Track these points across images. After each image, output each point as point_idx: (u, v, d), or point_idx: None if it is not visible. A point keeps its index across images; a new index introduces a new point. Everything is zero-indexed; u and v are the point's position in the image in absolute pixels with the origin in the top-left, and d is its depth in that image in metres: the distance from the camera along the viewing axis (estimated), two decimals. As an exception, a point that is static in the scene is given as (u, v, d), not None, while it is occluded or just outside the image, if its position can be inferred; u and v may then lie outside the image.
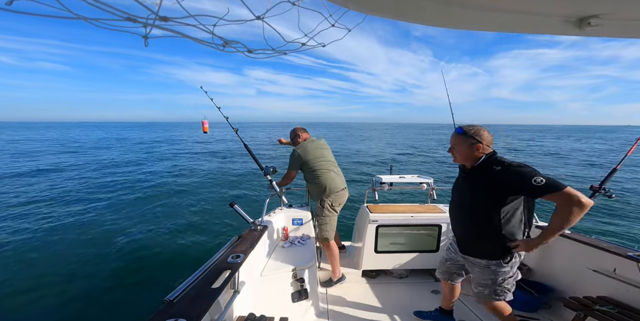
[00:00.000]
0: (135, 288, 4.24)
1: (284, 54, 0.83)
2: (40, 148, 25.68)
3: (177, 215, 7.57)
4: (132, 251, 5.43)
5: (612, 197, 2.36)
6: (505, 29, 0.98)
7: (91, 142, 33.83)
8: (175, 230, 6.48)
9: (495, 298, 1.84)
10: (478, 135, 1.68)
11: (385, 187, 3.25)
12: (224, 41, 0.67)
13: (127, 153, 21.98)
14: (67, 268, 4.79)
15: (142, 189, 10.56)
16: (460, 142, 1.72)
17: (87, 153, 21.63)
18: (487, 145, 1.68)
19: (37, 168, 14.56)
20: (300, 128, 2.93)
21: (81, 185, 11.19)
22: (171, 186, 11.18)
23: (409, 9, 0.86)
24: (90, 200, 8.93)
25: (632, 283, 1.96)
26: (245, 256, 1.93)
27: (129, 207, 8.30)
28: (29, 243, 5.67)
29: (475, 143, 1.66)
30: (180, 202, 8.92)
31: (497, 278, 1.78)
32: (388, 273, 3.19)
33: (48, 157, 19.15)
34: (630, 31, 0.93)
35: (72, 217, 7.33)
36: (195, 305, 1.31)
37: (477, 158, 1.69)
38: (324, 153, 2.79)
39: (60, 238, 6.00)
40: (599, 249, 2.12)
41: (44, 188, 10.57)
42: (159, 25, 0.56)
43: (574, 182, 11.93)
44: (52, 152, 22.60)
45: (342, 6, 0.80)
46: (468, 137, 1.69)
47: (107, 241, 5.86)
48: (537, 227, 2.60)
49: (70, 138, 38.73)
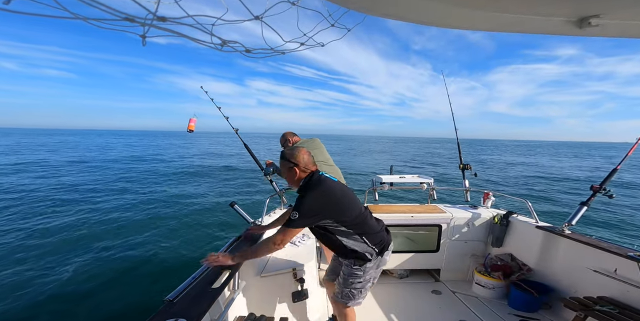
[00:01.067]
0: (135, 288, 4.24)
1: (282, 54, 0.83)
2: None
3: (177, 215, 7.57)
4: (132, 251, 5.44)
5: (612, 197, 2.35)
6: (506, 29, 0.98)
7: (96, 147, 33.83)
8: (175, 230, 6.49)
9: (339, 299, 1.85)
10: (293, 157, 1.65)
11: (386, 186, 3.24)
12: (222, 41, 0.67)
13: (131, 152, 21.94)
14: (67, 268, 4.79)
15: (142, 190, 10.57)
16: (282, 165, 1.70)
17: (92, 153, 21.69)
18: (305, 167, 1.65)
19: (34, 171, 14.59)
20: (290, 133, 2.90)
21: (84, 184, 11.21)
22: (171, 186, 11.18)
23: (409, 9, 0.86)
24: (90, 200, 8.95)
25: (633, 284, 1.95)
26: None
27: (130, 207, 8.31)
28: (28, 244, 5.68)
29: (292, 166, 1.64)
30: (180, 201, 8.93)
31: (347, 279, 1.80)
32: (388, 273, 3.19)
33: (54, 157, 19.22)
34: (631, 31, 0.92)
35: (72, 216, 7.34)
36: (196, 305, 1.31)
37: (298, 181, 1.67)
38: (316, 154, 2.72)
39: (60, 238, 6.00)
40: (599, 249, 2.12)
41: (45, 187, 10.59)
42: (157, 25, 0.56)
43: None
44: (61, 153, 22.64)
45: (342, 6, 0.80)
46: (286, 160, 1.67)
47: (107, 241, 5.87)
48: (538, 227, 2.59)
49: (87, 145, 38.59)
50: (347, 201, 1.66)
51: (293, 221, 1.53)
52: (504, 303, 2.59)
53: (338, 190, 1.65)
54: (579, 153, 45.97)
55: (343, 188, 1.71)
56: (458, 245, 3.01)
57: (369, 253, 1.72)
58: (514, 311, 2.46)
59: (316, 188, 1.58)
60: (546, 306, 2.48)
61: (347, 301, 1.82)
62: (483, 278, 2.71)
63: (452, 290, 2.86)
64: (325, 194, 1.59)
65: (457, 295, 2.76)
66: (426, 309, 2.54)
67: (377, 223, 1.83)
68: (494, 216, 2.96)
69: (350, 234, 1.69)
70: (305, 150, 1.71)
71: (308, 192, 1.57)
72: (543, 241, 2.57)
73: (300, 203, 1.54)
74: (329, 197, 1.59)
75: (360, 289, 1.79)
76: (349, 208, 1.65)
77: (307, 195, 1.56)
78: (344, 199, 1.64)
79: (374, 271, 1.80)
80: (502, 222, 2.85)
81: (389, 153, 34.08)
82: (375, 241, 1.73)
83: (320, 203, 1.57)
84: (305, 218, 1.55)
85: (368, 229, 1.72)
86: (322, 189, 1.59)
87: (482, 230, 3.01)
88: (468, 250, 3.02)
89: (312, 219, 1.59)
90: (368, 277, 1.78)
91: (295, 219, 1.52)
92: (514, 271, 2.69)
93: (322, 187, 1.59)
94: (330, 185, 1.63)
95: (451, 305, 2.61)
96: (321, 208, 1.57)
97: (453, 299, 2.71)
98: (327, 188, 1.60)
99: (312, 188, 1.59)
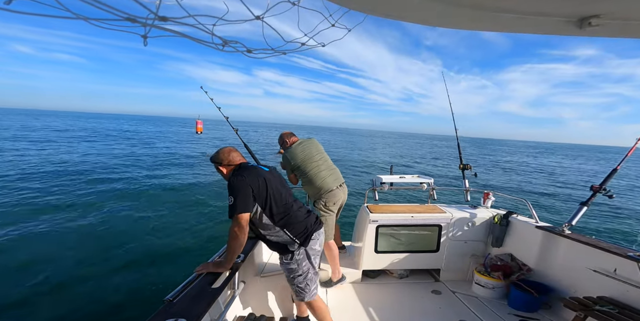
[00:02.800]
0: (135, 288, 4.24)
1: (283, 54, 0.83)
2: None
3: (177, 215, 7.57)
4: (132, 251, 5.43)
5: (612, 197, 2.36)
6: (506, 29, 0.98)
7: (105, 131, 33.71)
8: (175, 230, 6.49)
9: (296, 298, 1.95)
10: (216, 158, 1.87)
11: (386, 187, 3.24)
12: (223, 41, 0.67)
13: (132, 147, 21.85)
14: (67, 267, 4.79)
15: (142, 188, 10.56)
16: (215, 168, 1.90)
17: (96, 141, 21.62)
18: (227, 164, 1.85)
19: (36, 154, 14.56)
20: (287, 133, 2.89)
21: (78, 180, 11.20)
22: (171, 186, 11.18)
23: (409, 9, 0.86)
24: (88, 198, 8.94)
25: (632, 283, 1.96)
26: (245, 256, 1.93)
27: (130, 207, 8.30)
28: (27, 244, 5.67)
29: (217, 165, 1.86)
30: (180, 201, 8.93)
31: (289, 276, 1.90)
32: (388, 273, 3.19)
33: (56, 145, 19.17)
34: (631, 31, 0.92)
35: (71, 214, 7.33)
36: (196, 305, 1.31)
37: (228, 176, 1.84)
38: (312, 154, 2.73)
39: (60, 238, 6.00)
40: (599, 249, 2.12)
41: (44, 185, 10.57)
42: (158, 25, 0.56)
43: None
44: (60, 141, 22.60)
45: (343, 6, 0.80)
46: (212, 162, 1.89)
47: (106, 241, 5.86)
48: (538, 227, 2.60)
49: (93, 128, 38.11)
50: (272, 187, 1.79)
51: (233, 206, 1.64)
52: (503, 303, 2.59)
53: (262, 175, 1.79)
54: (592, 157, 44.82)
55: (270, 176, 1.85)
56: (458, 245, 3.01)
57: (291, 245, 1.81)
58: (513, 311, 2.46)
59: (239, 173, 1.75)
60: (546, 306, 2.49)
61: (303, 296, 1.88)
62: (483, 278, 2.71)
63: (452, 290, 2.86)
64: (247, 176, 1.73)
65: (457, 295, 2.77)
66: (426, 309, 2.54)
67: (305, 212, 1.92)
68: (494, 216, 2.96)
69: (272, 227, 1.79)
70: (229, 148, 1.90)
71: (232, 178, 1.73)
72: (543, 242, 2.57)
73: (230, 189, 1.69)
74: (251, 179, 1.73)
75: (305, 282, 1.86)
76: (273, 194, 1.77)
77: (232, 180, 1.72)
78: (269, 184, 1.78)
79: (307, 262, 1.86)
80: (502, 222, 2.85)
81: (395, 149, 33.77)
82: (299, 231, 1.81)
83: (244, 184, 1.70)
84: (241, 199, 1.66)
85: (292, 219, 1.81)
86: (243, 173, 1.75)
87: (482, 230, 3.01)
88: (468, 250, 3.03)
89: (247, 199, 1.68)
90: (305, 268, 1.86)
91: (233, 203, 1.64)
92: (514, 271, 2.69)
93: (245, 171, 1.76)
94: (253, 171, 1.79)
95: (451, 305, 2.62)
96: (245, 187, 1.69)
97: (453, 299, 2.71)
98: (249, 173, 1.76)
99: (236, 174, 1.76)
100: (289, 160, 2.70)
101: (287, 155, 2.71)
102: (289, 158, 2.70)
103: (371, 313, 2.50)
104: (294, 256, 1.82)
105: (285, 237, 1.79)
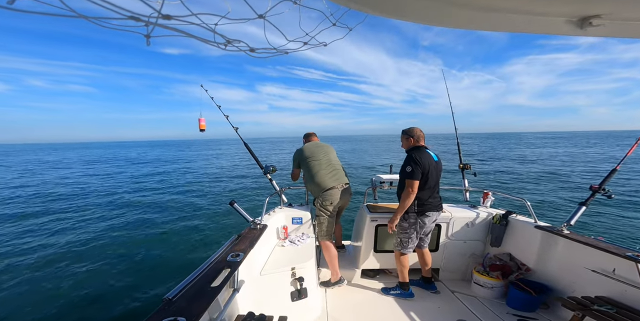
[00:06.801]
0: (134, 287, 4.24)
1: (286, 53, 0.83)
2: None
3: (177, 214, 7.57)
4: (131, 250, 5.44)
5: (611, 197, 2.36)
6: (507, 29, 0.98)
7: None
8: (175, 229, 6.49)
9: (397, 248, 2.66)
10: (411, 133, 2.54)
11: (385, 186, 3.25)
12: (226, 40, 0.67)
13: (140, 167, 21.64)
14: (67, 267, 4.79)
15: (144, 190, 10.55)
16: (401, 137, 2.63)
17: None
18: (416, 139, 2.52)
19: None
20: (310, 133, 3.17)
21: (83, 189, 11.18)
22: (171, 186, 11.17)
23: (410, 9, 0.86)
24: (91, 201, 8.93)
25: (631, 283, 1.96)
26: (245, 255, 1.93)
27: (130, 207, 8.30)
28: (26, 245, 5.67)
29: (409, 137, 2.55)
30: (179, 200, 8.92)
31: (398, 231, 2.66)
32: (387, 273, 3.19)
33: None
34: (632, 31, 0.93)
35: (71, 214, 7.32)
36: (195, 303, 1.31)
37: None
38: (317, 153, 2.86)
39: (59, 238, 5.99)
40: (597, 249, 2.13)
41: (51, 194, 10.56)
42: (162, 24, 0.56)
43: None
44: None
45: (343, 6, 0.80)
46: (404, 134, 2.59)
47: (106, 241, 5.86)
48: (537, 226, 2.60)
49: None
50: (431, 172, 2.47)
51: (410, 173, 2.38)
52: (502, 303, 2.60)
53: (430, 161, 2.48)
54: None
55: (434, 164, 2.47)
56: (457, 244, 3.01)
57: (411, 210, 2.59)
58: (512, 311, 2.47)
59: (419, 154, 2.44)
60: (544, 306, 2.49)
61: (400, 248, 2.67)
62: (482, 278, 2.72)
63: (451, 289, 2.87)
64: (421, 158, 2.42)
65: (455, 295, 2.77)
66: (425, 308, 2.55)
67: (439, 199, 2.63)
68: (493, 216, 2.97)
69: (421, 198, 2.58)
70: (420, 131, 2.55)
71: (414, 153, 2.44)
72: (542, 241, 2.58)
73: (409, 160, 2.42)
74: (424, 160, 2.42)
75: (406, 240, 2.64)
76: (429, 176, 2.47)
77: (413, 154, 2.43)
78: (431, 167, 2.45)
79: (414, 228, 2.59)
80: (501, 222, 2.86)
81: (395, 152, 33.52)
82: (427, 206, 2.57)
83: (420, 162, 2.41)
84: (416, 170, 2.37)
85: (430, 198, 2.54)
86: (422, 155, 2.43)
87: (481, 230, 3.01)
88: (467, 249, 3.03)
89: (418, 172, 2.38)
90: (411, 230, 2.61)
91: (410, 171, 2.37)
92: (513, 270, 2.70)
93: (423, 154, 2.44)
94: (425, 155, 2.45)
95: (450, 304, 2.62)
96: (420, 164, 2.39)
97: (452, 298, 2.72)
98: (425, 156, 2.43)
99: (417, 152, 2.45)
100: (297, 154, 2.92)
101: (297, 151, 2.94)
102: (297, 153, 2.93)
103: (370, 312, 2.51)
104: (409, 219, 2.51)
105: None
